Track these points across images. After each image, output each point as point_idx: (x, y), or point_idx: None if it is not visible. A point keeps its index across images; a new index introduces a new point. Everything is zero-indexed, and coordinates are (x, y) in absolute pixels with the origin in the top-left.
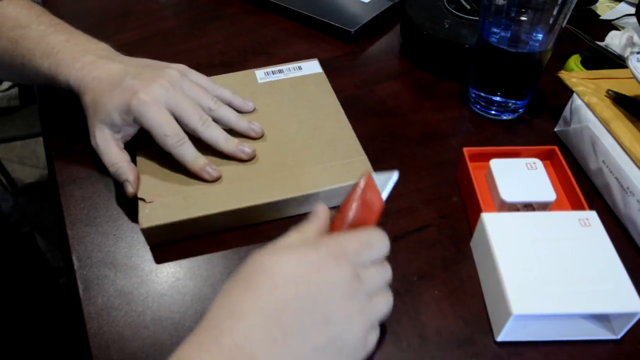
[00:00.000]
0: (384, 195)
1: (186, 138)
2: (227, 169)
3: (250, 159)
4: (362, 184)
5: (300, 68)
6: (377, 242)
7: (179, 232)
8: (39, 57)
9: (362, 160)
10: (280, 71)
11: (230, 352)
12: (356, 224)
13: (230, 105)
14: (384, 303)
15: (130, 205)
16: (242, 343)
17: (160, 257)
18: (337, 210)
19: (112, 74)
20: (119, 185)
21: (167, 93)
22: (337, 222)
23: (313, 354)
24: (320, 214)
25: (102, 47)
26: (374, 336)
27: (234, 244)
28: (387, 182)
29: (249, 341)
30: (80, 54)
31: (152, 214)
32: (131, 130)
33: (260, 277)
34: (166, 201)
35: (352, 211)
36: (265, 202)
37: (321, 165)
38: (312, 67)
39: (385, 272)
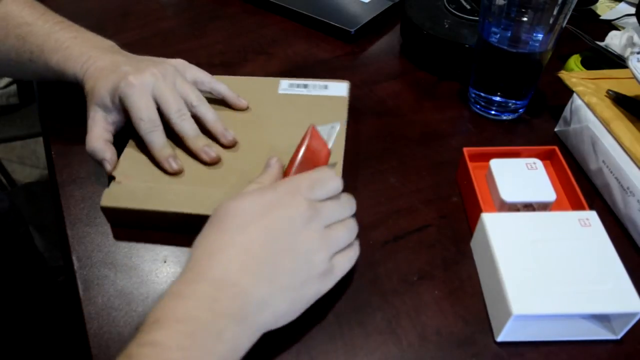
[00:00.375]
0: (330, 143)
1: (160, 127)
2: (215, 173)
3: (213, 163)
4: (307, 135)
5: (326, 87)
6: (327, 178)
7: (136, 220)
8: (48, 52)
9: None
10: (305, 86)
11: (214, 282)
12: (306, 169)
13: (223, 97)
14: (342, 231)
15: None
16: (223, 274)
17: (160, 256)
18: (289, 161)
19: (112, 63)
20: None
21: (155, 81)
22: (287, 171)
23: (285, 277)
24: (273, 164)
25: (109, 44)
26: (340, 262)
27: None
28: (331, 131)
29: (228, 271)
30: (88, 49)
31: (114, 195)
32: (121, 117)
33: (229, 219)
34: (132, 186)
35: (299, 157)
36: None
37: None
38: (339, 89)
39: (343, 205)
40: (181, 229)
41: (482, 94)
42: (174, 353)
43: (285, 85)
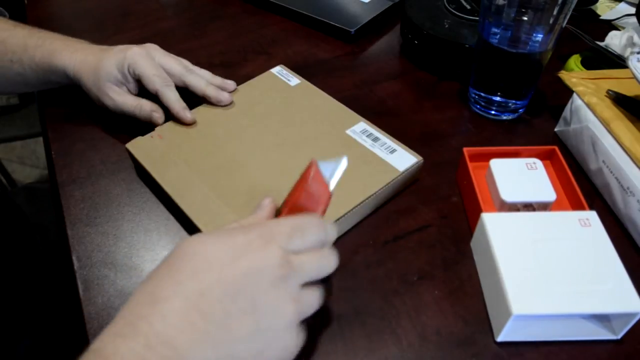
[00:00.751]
0: (332, 184)
1: (172, 83)
2: (243, 197)
3: (228, 103)
4: (308, 174)
5: (393, 152)
6: (311, 226)
7: (147, 178)
8: (31, 49)
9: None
10: (376, 139)
11: (147, 337)
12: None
13: (209, 82)
14: (318, 296)
15: (130, 205)
16: (160, 328)
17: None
18: (283, 203)
19: (101, 50)
20: (119, 185)
21: (153, 51)
22: (280, 215)
23: (237, 344)
24: (265, 206)
25: (88, 41)
26: (302, 332)
27: None
28: (335, 169)
29: (167, 326)
30: (72, 42)
31: (140, 144)
32: (131, 87)
33: (184, 261)
34: (160, 147)
35: (294, 201)
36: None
37: (362, 169)
38: (403, 160)
39: (323, 261)
40: (175, 215)
41: (482, 94)
42: None
43: (359, 128)
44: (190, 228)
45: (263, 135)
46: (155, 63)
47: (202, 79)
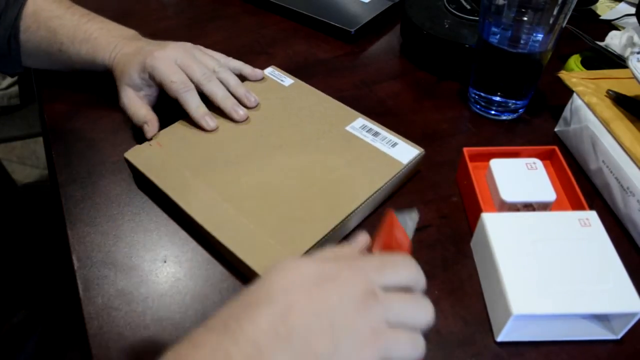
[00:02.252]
0: (410, 233)
1: (192, 87)
2: (252, 204)
3: (242, 120)
4: (390, 222)
5: (394, 145)
6: (403, 264)
7: (147, 186)
8: (77, 43)
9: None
10: (376, 134)
11: (234, 335)
12: None
13: (240, 72)
14: (407, 342)
15: (130, 205)
16: (248, 329)
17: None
18: (370, 247)
19: (137, 48)
20: (119, 185)
21: (178, 54)
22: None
23: (316, 358)
24: (360, 240)
25: (132, 33)
26: None
27: None
28: (408, 220)
29: (255, 329)
30: (114, 38)
31: (138, 152)
32: (152, 91)
33: (279, 277)
34: (159, 154)
35: (383, 246)
36: (335, 225)
37: (359, 168)
38: (405, 153)
39: (417, 306)
40: (178, 220)
41: (482, 94)
42: None
43: (358, 124)
44: (195, 232)
45: (264, 137)
46: (175, 68)
47: (220, 89)
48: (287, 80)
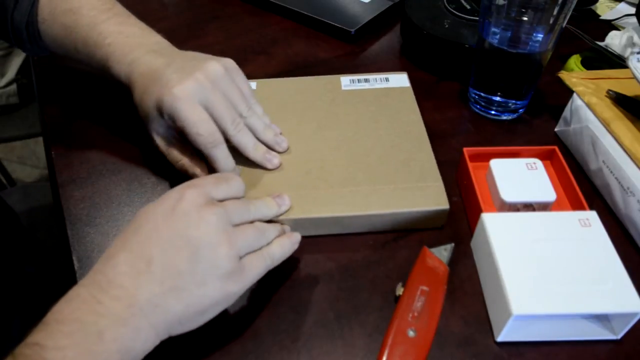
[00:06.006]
0: (445, 261)
1: (221, 139)
2: (293, 176)
3: (274, 168)
4: (421, 255)
5: (387, 80)
6: (234, 179)
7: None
8: (92, 46)
9: (437, 186)
10: (367, 80)
11: (100, 284)
12: (420, 285)
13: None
14: (251, 229)
15: (130, 205)
16: (111, 276)
17: None
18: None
19: (156, 69)
20: (119, 185)
21: (202, 90)
22: (403, 297)
23: (180, 277)
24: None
25: (154, 41)
26: (252, 261)
27: None
28: (443, 251)
29: (117, 274)
30: (130, 49)
31: None
32: (177, 125)
33: (130, 224)
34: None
35: (416, 274)
36: (328, 216)
37: (392, 185)
38: (399, 80)
39: (255, 207)
40: None
41: (482, 94)
42: (50, 352)
43: (347, 81)
44: None
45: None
46: (200, 113)
47: (250, 140)
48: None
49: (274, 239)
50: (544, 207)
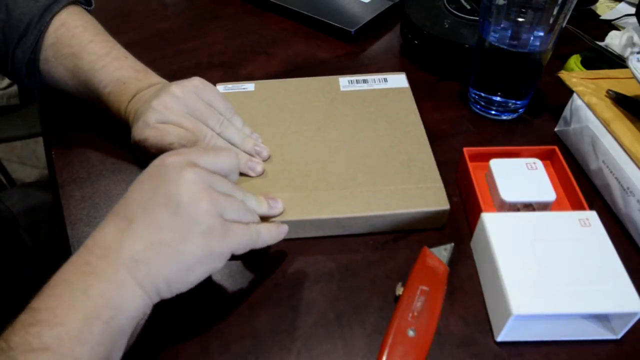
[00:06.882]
0: (445, 261)
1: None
2: (294, 177)
3: (258, 175)
4: (421, 255)
5: (385, 80)
6: (223, 149)
7: None
8: (94, 92)
9: (437, 187)
10: (365, 81)
11: (88, 247)
12: (420, 284)
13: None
14: (232, 200)
15: None
16: (98, 239)
17: None
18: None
19: (144, 117)
20: (119, 185)
21: (168, 113)
22: (403, 296)
23: (161, 232)
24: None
25: (147, 83)
26: (239, 229)
27: None
28: (443, 251)
29: (103, 236)
30: (127, 97)
31: None
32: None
33: (122, 198)
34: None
35: (415, 274)
36: (329, 218)
37: (392, 186)
38: (398, 80)
39: (235, 187)
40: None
41: (482, 94)
42: (42, 313)
43: (345, 82)
44: None
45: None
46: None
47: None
48: (249, 85)
49: (261, 226)
50: (544, 207)
